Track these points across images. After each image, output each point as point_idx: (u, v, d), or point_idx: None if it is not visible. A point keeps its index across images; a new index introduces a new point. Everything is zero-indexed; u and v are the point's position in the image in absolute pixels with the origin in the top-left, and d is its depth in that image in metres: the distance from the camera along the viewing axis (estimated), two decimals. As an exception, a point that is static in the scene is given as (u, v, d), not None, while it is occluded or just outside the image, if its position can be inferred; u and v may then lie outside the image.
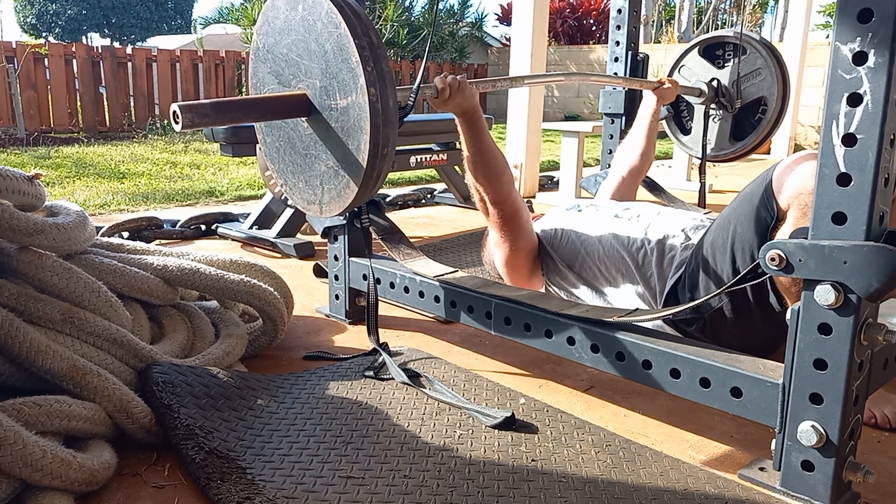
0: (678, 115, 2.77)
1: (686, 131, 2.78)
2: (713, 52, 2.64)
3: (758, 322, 1.47)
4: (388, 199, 3.70)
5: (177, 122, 1.21)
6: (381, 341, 1.68)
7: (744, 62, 2.52)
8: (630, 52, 2.75)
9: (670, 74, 2.72)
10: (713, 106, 2.64)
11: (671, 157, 5.68)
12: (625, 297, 1.67)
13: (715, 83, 2.58)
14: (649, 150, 2.28)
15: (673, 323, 1.58)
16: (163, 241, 2.81)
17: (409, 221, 3.37)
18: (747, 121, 2.61)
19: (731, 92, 2.58)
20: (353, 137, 1.29)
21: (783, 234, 1.31)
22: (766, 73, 2.51)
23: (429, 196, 3.90)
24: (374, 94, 1.24)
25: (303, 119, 1.39)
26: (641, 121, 2.34)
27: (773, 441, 1.13)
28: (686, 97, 2.69)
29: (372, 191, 1.39)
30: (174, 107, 1.21)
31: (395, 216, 3.47)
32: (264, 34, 1.43)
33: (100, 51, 7.41)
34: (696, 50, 2.65)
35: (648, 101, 2.37)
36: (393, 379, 1.51)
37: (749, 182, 1.47)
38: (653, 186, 2.93)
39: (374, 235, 1.80)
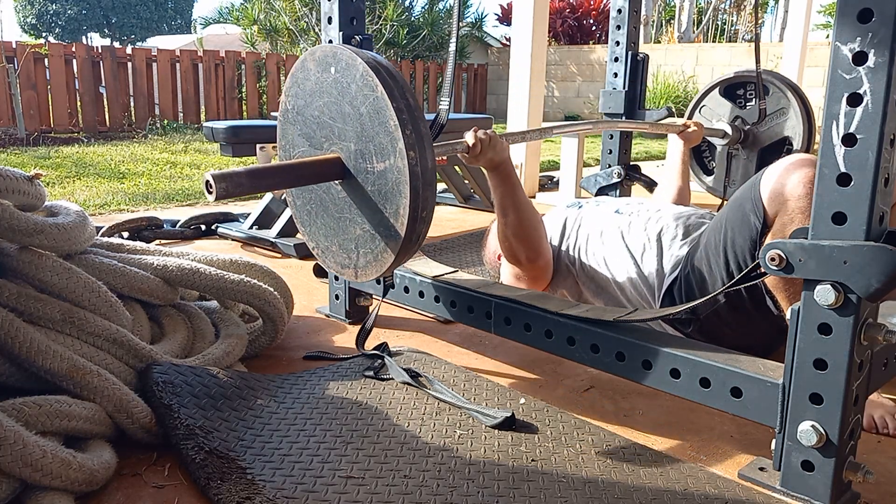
0: (699, 155, 2.76)
1: (709, 171, 2.76)
2: (734, 91, 2.63)
3: (755, 323, 1.47)
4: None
5: (210, 193, 1.17)
6: (380, 341, 1.68)
7: (768, 101, 2.50)
8: (630, 52, 2.75)
9: (691, 114, 2.71)
10: (736, 147, 2.62)
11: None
12: (625, 294, 1.67)
13: (739, 123, 2.57)
14: (685, 191, 2.26)
15: (671, 324, 1.58)
16: (163, 241, 2.81)
17: (409, 221, 3.37)
18: (772, 160, 2.62)
19: (755, 132, 2.56)
20: (391, 201, 1.27)
21: (771, 240, 1.31)
22: (791, 113, 2.50)
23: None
24: (413, 157, 1.22)
25: (336, 182, 1.37)
26: (672, 165, 2.33)
27: (773, 441, 1.13)
28: (710, 139, 2.67)
29: (411, 254, 1.37)
30: (207, 176, 1.17)
31: (395, 216, 3.46)
32: (293, 96, 1.41)
33: (100, 51, 7.41)
34: (717, 89, 2.64)
35: (675, 145, 2.36)
36: (393, 379, 1.51)
37: (741, 187, 1.47)
38: (652, 186, 2.93)
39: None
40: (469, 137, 1.57)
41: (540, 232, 1.69)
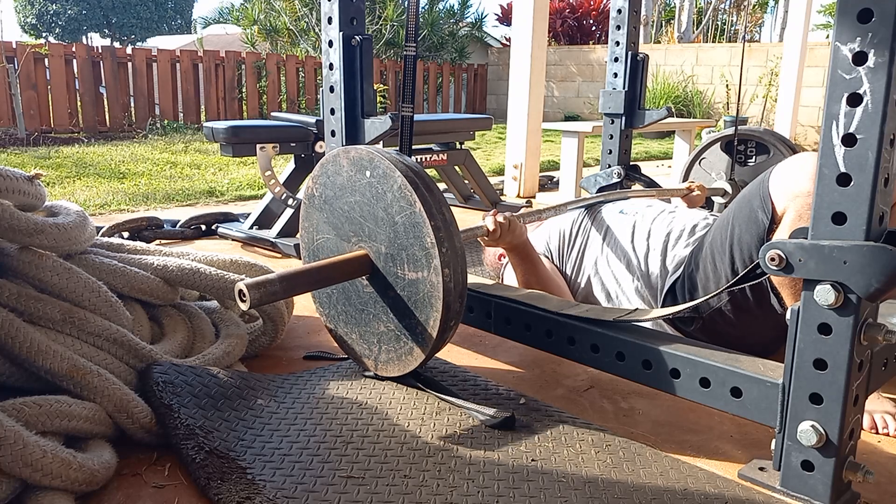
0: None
1: None
2: (734, 147, 2.65)
3: (758, 322, 1.47)
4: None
5: (244, 301, 1.18)
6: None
7: (767, 162, 2.53)
8: (630, 53, 2.75)
9: (691, 165, 2.74)
10: None
11: (671, 158, 5.68)
12: (626, 293, 1.67)
13: (738, 182, 2.59)
14: None
15: (672, 322, 1.58)
16: (163, 242, 2.81)
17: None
18: None
19: None
20: (421, 311, 1.29)
21: (779, 236, 1.31)
22: None
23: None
24: (448, 274, 1.24)
25: (363, 276, 1.38)
26: None
27: (773, 441, 1.13)
28: (711, 197, 2.70)
29: (434, 355, 1.39)
30: (240, 286, 1.17)
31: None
32: (322, 185, 1.42)
33: (100, 51, 7.41)
34: (717, 145, 2.66)
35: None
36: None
37: (748, 185, 1.47)
38: (652, 186, 2.93)
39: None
40: (489, 223, 1.61)
41: (563, 295, 1.73)
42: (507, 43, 12.43)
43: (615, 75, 2.81)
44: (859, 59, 0.95)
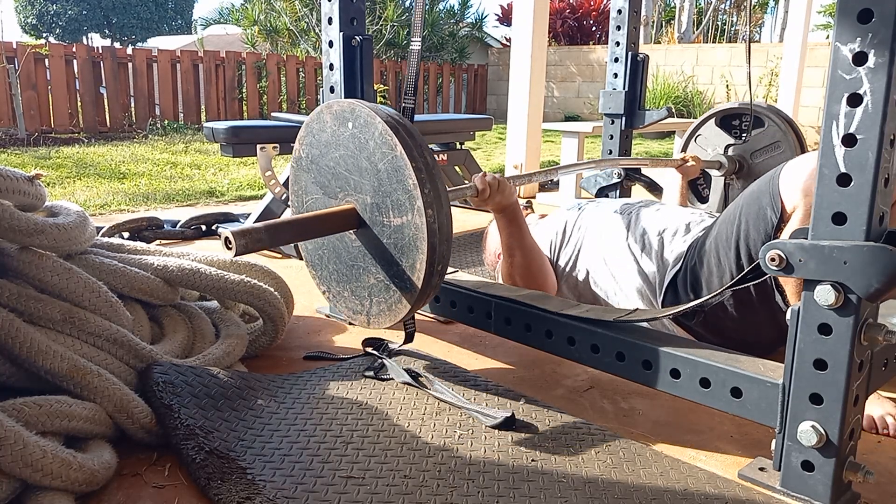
0: (694, 183, 2.79)
1: (703, 199, 2.79)
2: (730, 122, 2.64)
3: (760, 319, 1.47)
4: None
5: (230, 249, 1.18)
6: (380, 341, 1.68)
7: (762, 135, 2.52)
8: (630, 53, 2.75)
9: (687, 142, 2.74)
10: (731, 177, 2.65)
11: (669, 157, 5.67)
12: (624, 290, 1.67)
13: (734, 155, 2.59)
14: None
15: (673, 317, 1.58)
16: (163, 242, 2.81)
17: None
18: None
19: (749, 164, 2.58)
20: (407, 255, 1.29)
21: (787, 234, 1.31)
22: (784, 147, 2.51)
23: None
24: (431, 215, 1.24)
25: (350, 231, 1.39)
26: (671, 198, 2.40)
27: (773, 441, 1.13)
28: (706, 170, 2.70)
29: (425, 304, 1.40)
30: (226, 233, 1.18)
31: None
32: (308, 145, 1.43)
33: (100, 51, 7.41)
34: (712, 120, 2.66)
35: (674, 179, 2.43)
36: (393, 379, 1.51)
37: (757, 180, 1.46)
38: (653, 186, 2.93)
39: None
40: (478, 182, 1.59)
41: (545, 270, 1.73)
42: (507, 43, 12.44)
43: (615, 75, 2.81)
44: (859, 59, 0.95)
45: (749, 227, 1.41)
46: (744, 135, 2.58)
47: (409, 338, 1.59)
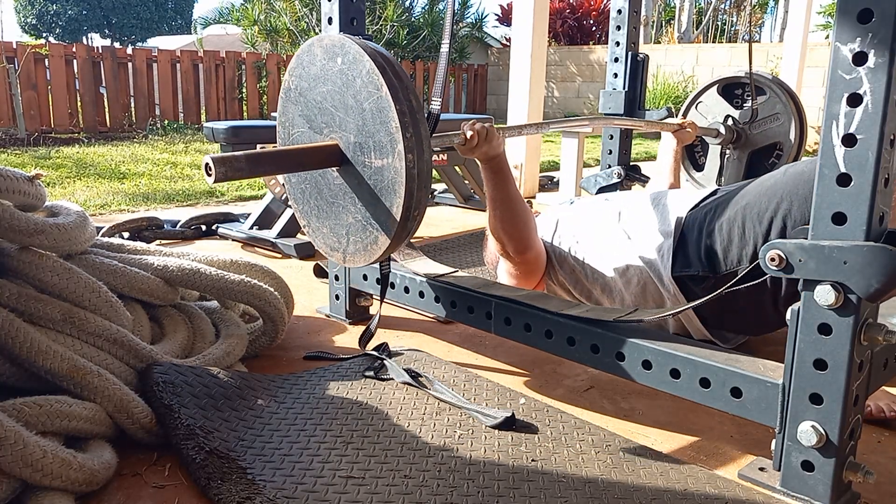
0: (691, 151, 2.78)
1: (699, 167, 2.78)
2: (732, 91, 2.64)
3: (766, 297, 1.46)
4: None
5: (210, 175, 1.19)
6: (380, 341, 1.68)
7: (763, 105, 2.52)
8: (630, 53, 2.75)
9: (688, 109, 2.73)
10: (729, 146, 2.64)
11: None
12: (623, 276, 1.66)
13: (731, 123, 2.58)
14: (675, 188, 2.30)
15: (680, 280, 1.56)
16: (163, 242, 2.81)
17: (410, 222, 3.37)
18: (761, 163, 2.61)
19: (748, 134, 2.58)
20: (385, 198, 1.29)
21: None
22: (784, 119, 2.51)
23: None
24: (411, 160, 1.24)
25: (333, 168, 1.39)
26: (664, 162, 2.38)
27: (773, 441, 1.13)
28: (703, 137, 2.69)
29: (399, 247, 1.39)
30: (207, 159, 1.19)
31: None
32: (297, 77, 1.42)
33: (100, 51, 7.41)
34: (714, 88, 2.65)
35: (669, 143, 2.40)
36: (393, 379, 1.51)
37: (803, 160, 1.45)
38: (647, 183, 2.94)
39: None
40: (466, 129, 1.57)
41: (530, 225, 1.70)
42: (507, 43, 12.43)
43: (615, 75, 2.82)
44: (859, 59, 0.95)
45: (793, 207, 1.40)
46: (745, 104, 2.57)
47: (384, 279, 1.59)
